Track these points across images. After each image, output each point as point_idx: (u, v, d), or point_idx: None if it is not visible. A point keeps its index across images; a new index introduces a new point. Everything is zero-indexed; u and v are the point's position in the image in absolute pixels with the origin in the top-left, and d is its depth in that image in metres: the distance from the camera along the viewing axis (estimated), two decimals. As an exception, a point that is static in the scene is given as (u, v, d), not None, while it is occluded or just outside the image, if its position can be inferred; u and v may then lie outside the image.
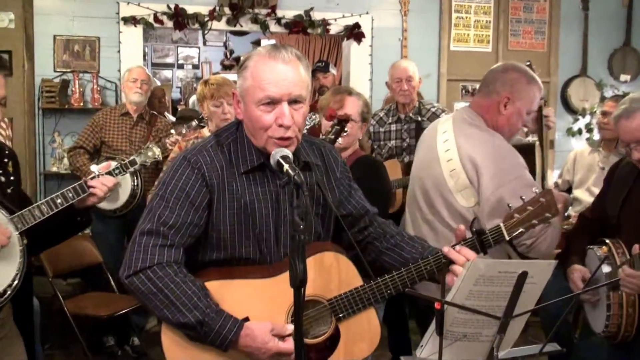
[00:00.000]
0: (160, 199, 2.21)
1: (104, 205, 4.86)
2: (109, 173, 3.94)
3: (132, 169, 4.24)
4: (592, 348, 3.14)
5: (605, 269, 2.90)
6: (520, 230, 2.32)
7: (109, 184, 2.97)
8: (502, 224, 2.33)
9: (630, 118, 2.90)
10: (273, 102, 2.15)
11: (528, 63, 3.52)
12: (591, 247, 3.06)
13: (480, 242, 2.32)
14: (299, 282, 1.87)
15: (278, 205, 2.27)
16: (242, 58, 2.25)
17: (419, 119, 5.03)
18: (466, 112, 3.13)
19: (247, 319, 2.18)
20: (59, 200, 2.80)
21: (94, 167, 4.30)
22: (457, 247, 2.28)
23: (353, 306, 2.29)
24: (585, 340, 3.17)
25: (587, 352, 3.24)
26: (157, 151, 4.26)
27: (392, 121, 5.13)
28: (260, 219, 2.25)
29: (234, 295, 2.21)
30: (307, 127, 4.47)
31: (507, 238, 2.33)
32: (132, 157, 4.30)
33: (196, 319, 2.09)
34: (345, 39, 6.92)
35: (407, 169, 4.86)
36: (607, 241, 2.99)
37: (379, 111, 5.29)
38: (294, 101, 2.17)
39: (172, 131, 5.30)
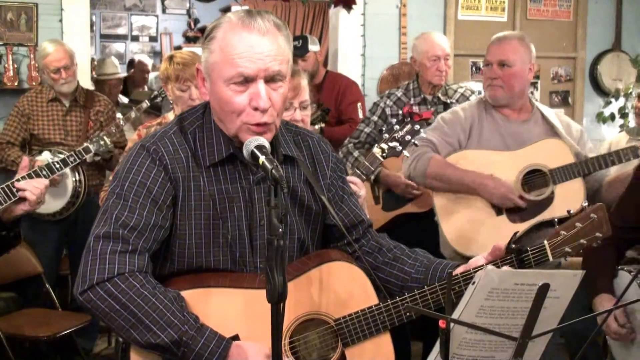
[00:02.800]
0: (117, 197, 2.18)
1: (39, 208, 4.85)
2: (63, 161, 4.02)
3: (87, 157, 4.33)
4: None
5: None
6: (567, 250, 2.37)
7: (41, 186, 2.87)
8: (546, 242, 2.38)
9: None
10: (247, 81, 2.13)
11: None
12: (623, 267, 2.97)
13: (520, 261, 2.34)
14: (277, 297, 1.87)
15: (252, 205, 2.26)
16: (208, 27, 2.22)
17: (447, 101, 5.06)
18: None
19: (236, 337, 2.17)
20: None
21: (46, 155, 4.34)
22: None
23: (365, 329, 2.28)
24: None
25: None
26: (107, 140, 4.36)
27: (415, 102, 5.14)
28: (232, 221, 2.24)
29: (218, 308, 2.19)
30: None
31: (551, 259, 2.37)
32: (85, 145, 4.36)
33: (171, 339, 2.06)
34: (333, 6, 6.91)
35: None
36: None
37: (395, 90, 5.27)
38: (271, 79, 2.15)
39: (119, 115, 5.28)
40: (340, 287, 2.28)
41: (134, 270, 2.10)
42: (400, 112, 5.09)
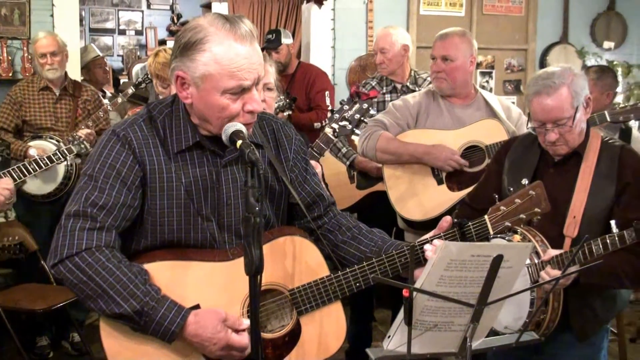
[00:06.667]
0: (89, 179, 2.18)
1: (33, 189, 4.83)
2: (49, 159, 4.13)
3: (69, 157, 4.41)
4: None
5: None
6: (507, 224, 2.37)
7: (9, 186, 2.86)
8: (487, 217, 2.39)
9: (552, 95, 2.86)
10: (243, 91, 2.10)
11: None
12: (496, 236, 2.86)
13: (462, 234, 2.34)
14: (254, 270, 1.87)
15: (219, 187, 2.25)
16: (190, 35, 2.11)
17: (416, 89, 5.06)
18: None
19: (197, 307, 2.18)
20: None
21: (32, 152, 4.40)
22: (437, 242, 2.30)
23: (317, 299, 2.29)
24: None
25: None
26: (88, 145, 4.44)
27: (387, 91, 5.13)
28: (199, 201, 2.23)
29: (184, 278, 2.20)
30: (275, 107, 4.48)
31: (492, 232, 2.38)
32: (69, 145, 4.43)
33: (133, 309, 2.08)
34: (305, 2, 6.89)
35: None
36: (519, 229, 2.87)
37: (370, 80, 5.26)
38: (258, 82, 2.14)
39: (106, 101, 5.25)
40: (293, 259, 2.29)
41: (101, 245, 2.12)
42: (374, 100, 5.11)
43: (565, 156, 3.00)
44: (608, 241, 2.72)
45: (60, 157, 4.48)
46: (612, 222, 2.74)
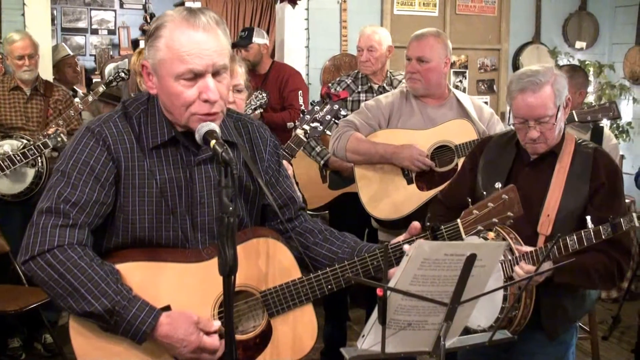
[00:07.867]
0: (62, 175, 2.15)
1: (3, 189, 4.79)
2: (23, 154, 4.11)
3: (45, 152, 4.37)
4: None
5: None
6: (479, 228, 2.37)
7: None
8: (459, 221, 2.38)
9: (537, 93, 2.88)
10: (196, 76, 2.09)
11: None
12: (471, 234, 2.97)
13: (434, 238, 2.34)
14: (228, 270, 1.86)
15: (193, 185, 2.24)
16: (154, 25, 2.15)
17: (391, 90, 5.05)
18: None
19: (167, 308, 2.16)
20: None
21: (7, 148, 4.37)
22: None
23: (289, 301, 2.28)
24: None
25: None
26: (64, 137, 4.41)
27: (363, 90, 5.11)
28: (173, 200, 2.22)
29: (156, 279, 2.18)
30: (253, 106, 4.45)
31: (464, 236, 2.37)
32: (44, 140, 4.38)
33: (104, 308, 2.05)
34: (279, 1, 6.88)
35: None
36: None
37: (345, 77, 5.21)
38: (217, 72, 2.12)
39: (77, 99, 5.22)
40: (266, 261, 2.28)
41: (73, 243, 2.09)
42: (349, 98, 5.10)
43: (541, 155, 3.02)
44: (583, 236, 2.75)
45: (35, 152, 4.43)
46: (588, 218, 2.77)
